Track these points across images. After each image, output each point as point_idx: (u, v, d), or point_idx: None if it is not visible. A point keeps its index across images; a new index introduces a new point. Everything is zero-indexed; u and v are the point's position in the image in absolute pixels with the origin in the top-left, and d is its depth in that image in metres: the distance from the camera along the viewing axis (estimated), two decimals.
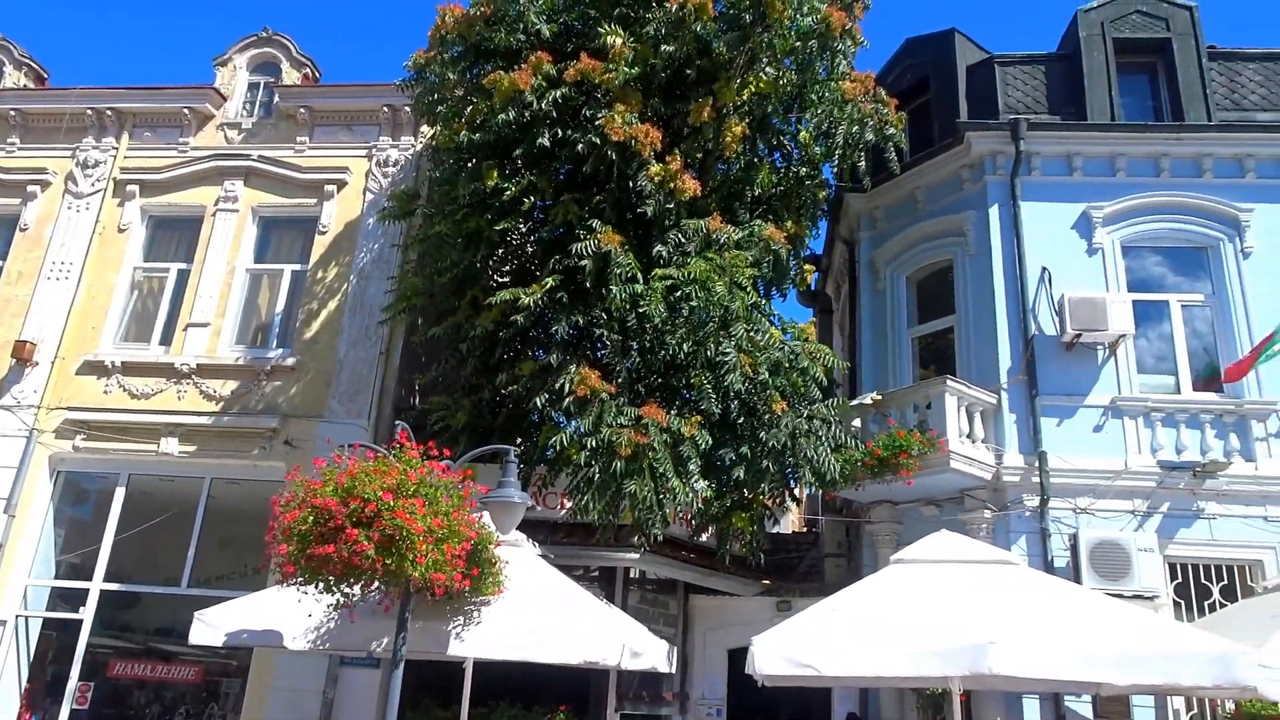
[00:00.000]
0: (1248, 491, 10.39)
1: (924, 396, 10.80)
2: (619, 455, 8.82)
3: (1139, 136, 11.78)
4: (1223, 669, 6.39)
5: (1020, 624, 6.54)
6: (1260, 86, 12.50)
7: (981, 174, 12.05)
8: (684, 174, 9.75)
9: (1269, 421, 10.70)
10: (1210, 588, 10.32)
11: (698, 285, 9.32)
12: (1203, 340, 11.44)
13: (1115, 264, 11.53)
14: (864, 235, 13.35)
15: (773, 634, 6.93)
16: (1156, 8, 12.72)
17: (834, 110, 10.76)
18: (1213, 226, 11.58)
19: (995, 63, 12.83)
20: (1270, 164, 11.70)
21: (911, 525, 10.93)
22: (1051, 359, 11.09)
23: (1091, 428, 10.86)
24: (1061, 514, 10.51)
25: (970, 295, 11.85)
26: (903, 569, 7.56)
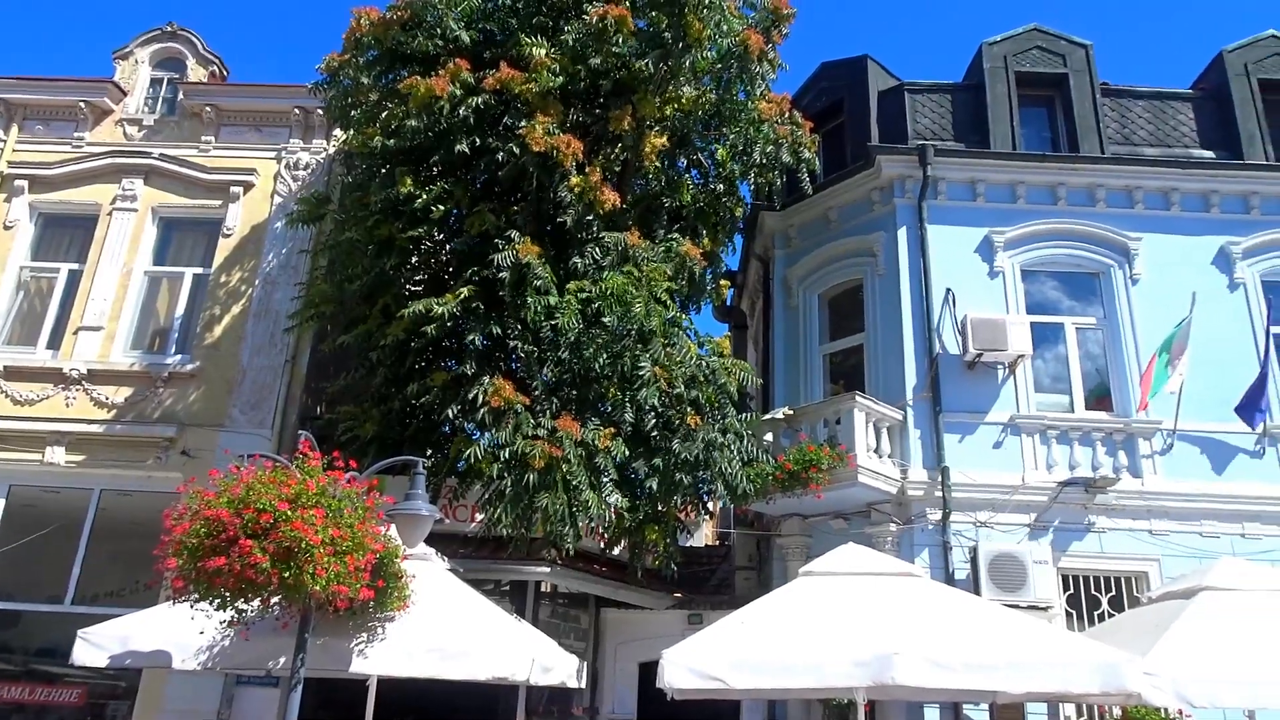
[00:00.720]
0: (1135, 506, 10.90)
1: (834, 412, 11.02)
2: (532, 467, 8.74)
3: (1038, 166, 12.31)
4: (1110, 676, 6.65)
5: (922, 635, 6.69)
6: (1149, 123, 13.22)
7: (891, 197, 12.41)
8: (604, 186, 9.78)
9: (1154, 439, 11.26)
10: (1100, 598, 10.77)
11: (614, 299, 9.33)
12: (1095, 361, 11.98)
13: (1015, 287, 11.99)
14: (779, 253, 13.59)
15: (682, 647, 6.93)
16: (1055, 44, 13.35)
17: (751, 130, 10.96)
18: (1105, 253, 12.16)
19: (905, 90, 13.26)
20: (1157, 196, 12.36)
21: (821, 538, 11.11)
22: (955, 377, 11.46)
23: (991, 444, 11.24)
24: (963, 527, 10.84)
25: (879, 314, 12.16)
26: (810, 581, 7.66)
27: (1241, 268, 12.05)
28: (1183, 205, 12.34)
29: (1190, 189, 12.33)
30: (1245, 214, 12.32)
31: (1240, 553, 10.23)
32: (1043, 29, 13.44)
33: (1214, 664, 7.04)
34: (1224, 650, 7.21)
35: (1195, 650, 7.22)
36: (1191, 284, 11.70)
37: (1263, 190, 12.32)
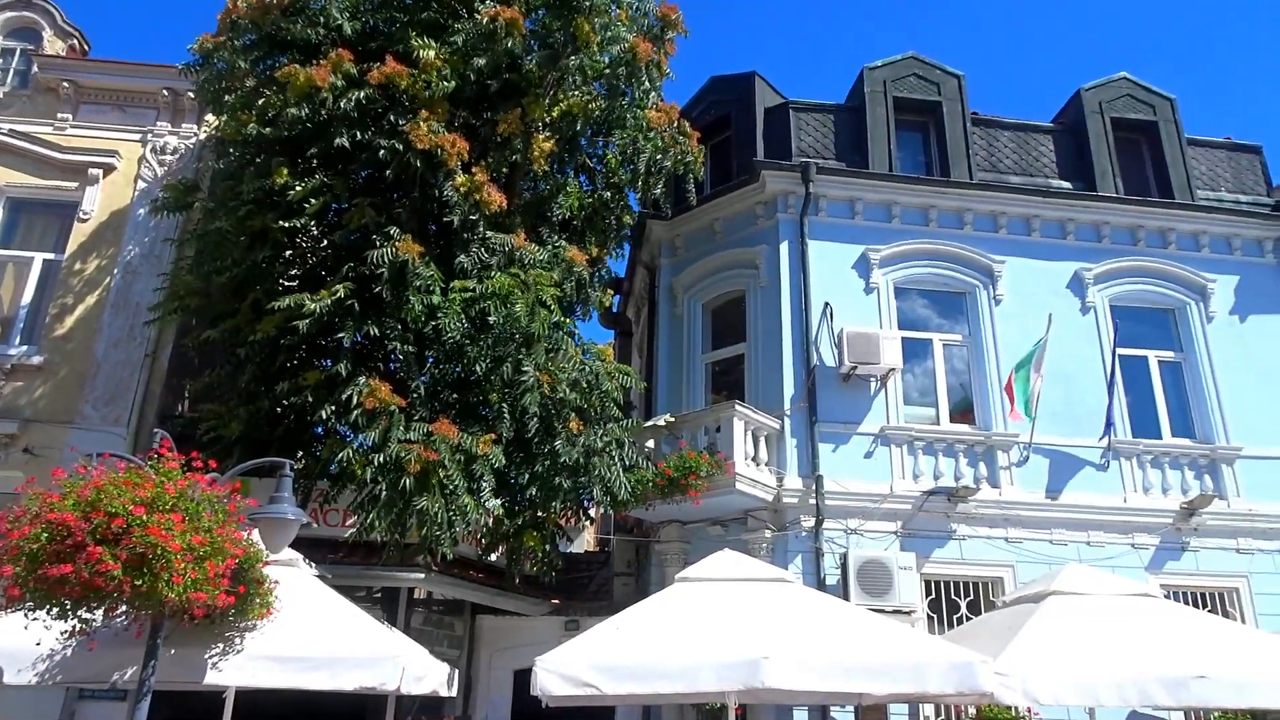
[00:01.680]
0: (992, 515, 11.48)
1: (714, 420, 11.19)
2: (408, 472, 8.53)
3: (912, 187, 12.85)
4: (965, 677, 6.96)
5: (792, 639, 6.85)
6: (1014, 152, 14.00)
7: (774, 211, 12.72)
8: (490, 186, 9.64)
9: (1011, 452, 11.89)
10: (959, 602, 11.29)
11: (499, 300, 9.21)
12: (960, 377, 12.57)
13: (889, 303, 12.47)
14: (664, 262, 13.73)
15: (556, 654, 6.88)
16: (930, 73, 13.98)
17: (639, 138, 11.02)
18: (971, 274, 12.79)
19: (791, 108, 13.63)
20: (1020, 221, 13.09)
21: (698, 544, 11.24)
22: (830, 389, 11.82)
23: (863, 454, 11.64)
24: (834, 534, 11.17)
25: (760, 325, 12.43)
26: (686, 587, 7.74)
27: (1093, 292, 12.88)
28: (1042, 231, 13.10)
29: (1049, 216, 13.12)
30: (1098, 242, 13.19)
31: (1085, 559, 10.94)
32: (920, 57, 14.06)
33: (1059, 665, 7.47)
34: (1068, 651, 7.66)
35: (1042, 652, 7.65)
36: (1048, 306, 12.46)
37: (1113, 221, 13.21)
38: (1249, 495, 11.99)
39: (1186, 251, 13.30)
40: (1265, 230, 13.48)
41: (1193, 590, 11.51)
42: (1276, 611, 11.34)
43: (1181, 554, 11.65)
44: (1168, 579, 11.43)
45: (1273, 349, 12.94)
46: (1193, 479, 12.07)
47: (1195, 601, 11.25)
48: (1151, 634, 7.94)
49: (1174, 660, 7.48)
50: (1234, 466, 12.15)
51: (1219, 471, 12.14)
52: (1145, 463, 12.10)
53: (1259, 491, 12.01)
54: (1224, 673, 7.34)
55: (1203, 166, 14.25)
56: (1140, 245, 13.23)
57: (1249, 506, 11.89)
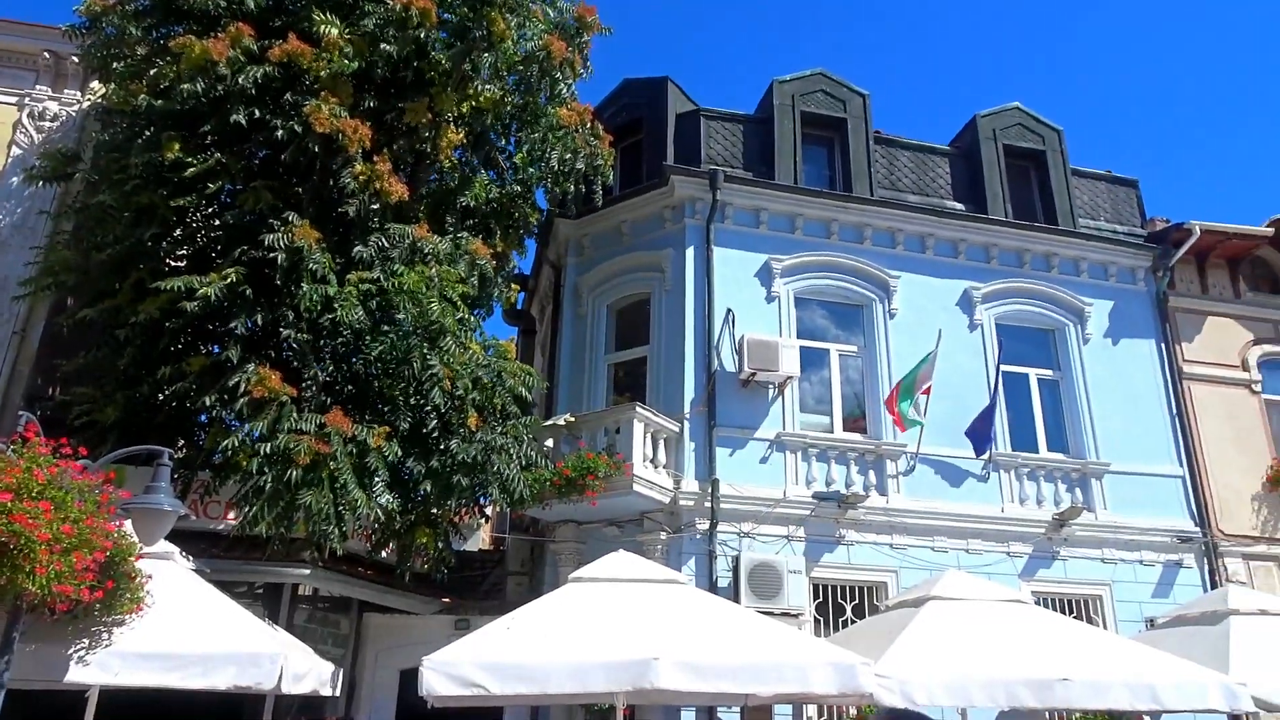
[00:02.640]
0: (879, 522, 11.85)
1: (615, 421, 11.21)
2: (296, 463, 8.26)
3: (815, 201, 13.17)
4: (847, 678, 7.16)
5: (681, 641, 6.91)
6: (912, 172, 14.50)
7: (682, 216, 12.84)
8: (392, 176, 9.43)
9: (900, 461, 12.30)
10: (845, 606, 11.61)
11: (407, 297, 9.03)
12: (854, 386, 12.94)
13: (789, 312, 12.74)
14: (571, 261, 13.69)
15: (444, 653, 6.77)
16: (837, 90, 14.35)
17: (550, 136, 10.97)
18: (868, 288, 13.18)
19: (702, 115, 13.78)
20: (916, 239, 13.56)
21: (594, 545, 11.24)
22: (730, 394, 11.99)
23: (758, 459, 11.85)
24: (728, 537, 11.34)
25: (664, 328, 12.53)
26: (579, 588, 7.72)
27: (981, 310, 13.45)
28: (936, 250, 13.61)
29: (943, 236, 13.63)
30: (987, 263, 13.78)
31: (965, 566, 11.38)
32: (828, 74, 14.41)
33: (935, 667, 7.75)
34: (944, 654, 7.96)
35: (920, 654, 7.92)
36: (939, 321, 12.94)
37: (1002, 243, 13.83)
38: (1114, 508, 12.72)
39: (1067, 276, 14.02)
40: (1138, 260, 14.33)
41: (1061, 597, 12.14)
42: (1135, 618, 12.07)
43: (1052, 562, 12.26)
44: (1039, 586, 12.02)
45: (1141, 371, 13.76)
46: (1064, 492, 12.73)
47: (1063, 608, 11.85)
48: (1021, 639, 8.32)
49: (1040, 664, 7.86)
50: (1102, 481, 12.87)
51: (1088, 485, 12.83)
52: (1022, 475, 12.69)
53: (1123, 505, 12.76)
54: (1085, 675, 7.76)
55: (1085, 196, 15.05)
56: (1026, 268, 13.89)
57: (1114, 519, 12.61)
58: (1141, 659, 8.44)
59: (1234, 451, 13.64)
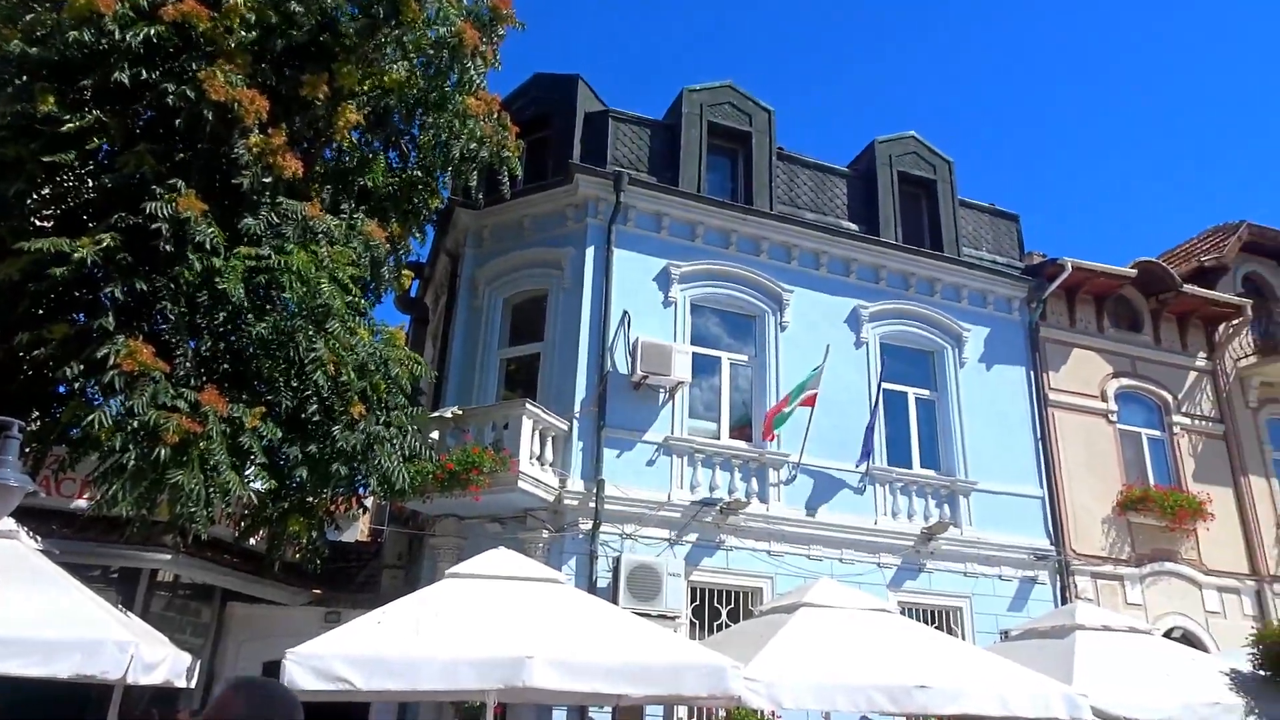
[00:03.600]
0: (758, 528, 12.12)
1: (504, 416, 11.12)
2: (164, 441, 7.84)
3: (717, 210, 13.37)
4: (717, 681, 7.29)
5: (556, 640, 6.89)
6: (811, 190, 14.89)
7: (584, 215, 12.83)
8: (287, 151, 9.08)
9: (782, 470, 12.60)
10: (721, 610, 11.81)
11: (295, 275, 8.69)
12: (743, 395, 13.19)
13: (684, 318, 12.89)
14: (469, 251, 13.50)
15: (310, 646, 6.56)
16: (744, 104, 14.61)
17: (456, 123, 10.77)
18: (762, 299, 13.47)
19: (610, 116, 13.81)
20: (810, 255, 13.93)
21: (475, 541, 11.10)
22: (621, 395, 12.05)
23: (645, 461, 11.95)
24: (610, 538, 11.39)
25: (559, 326, 12.49)
26: (455, 583, 7.62)
27: (867, 329, 13.92)
28: (829, 267, 14.01)
29: (837, 254, 14.05)
30: (876, 283, 14.26)
31: (838, 574, 11.75)
32: (736, 88, 14.66)
33: (802, 671, 7.98)
34: (811, 660, 8.20)
35: (788, 659, 8.14)
36: (828, 337, 13.33)
37: (890, 265, 14.34)
38: (978, 525, 13.35)
39: (949, 301, 14.65)
40: (1014, 290, 15.10)
41: (925, 607, 12.67)
42: (991, 629, 12.70)
43: (918, 574, 12.79)
44: (905, 596, 12.52)
45: (1011, 396, 14.50)
46: (934, 507, 13.30)
47: (927, 618, 12.37)
48: (884, 646, 8.65)
49: (901, 670, 8.18)
50: (969, 498, 13.49)
51: (956, 502, 13.44)
52: (896, 489, 13.19)
53: (986, 522, 13.41)
54: (941, 683, 8.12)
55: (969, 226, 15.76)
56: (911, 291, 14.45)
57: (977, 535, 13.25)
58: (994, 669, 8.89)
59: (1089, 476, 14.52)
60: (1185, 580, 14.48)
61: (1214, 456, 15.71)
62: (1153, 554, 14.40)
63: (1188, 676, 10.21)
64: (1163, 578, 14.34)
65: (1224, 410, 16.14)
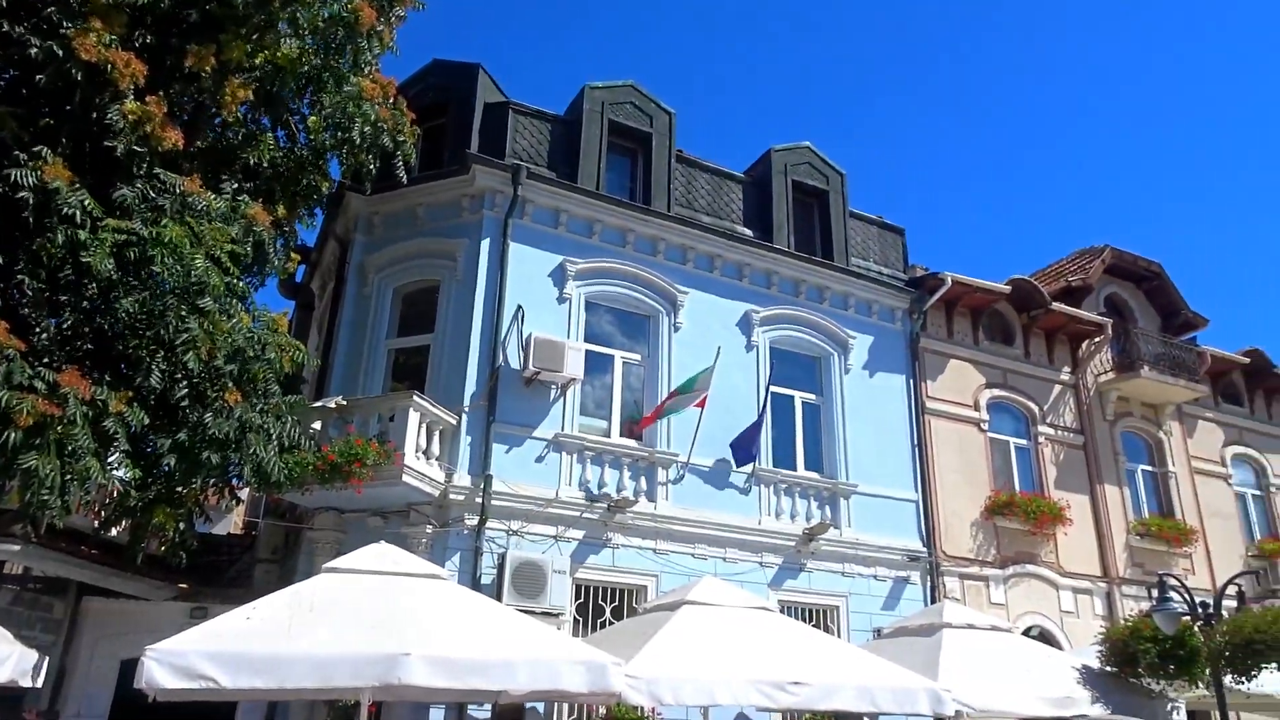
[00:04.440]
0: (646, 527, 12.19)
1: (389, 408, 10.85)
2: (16, 424, 7.32)
3: (615, 209, 13.39)
4: (598, 678, 7.31)
5: (435, 637, 6.77)
6: (709, 194, 15.09)
7: (481, 207, 12.65)
8: (166, 121, 8.62)
9: (670, 469, 12.72)
10: (605, 607, 11.83)
11: (168, 250, 8.24)
12: (634, 394, 13.25)
13: (578, 315, 12.86)
14: (360, 238, 13.13)
15: (171, 642, 6.26)
16: (646, 105, 14.69)
17: (350, 105, 10.44)
18: (657, 300, 13.56)
19: (510, 108, 13.65)
20: (706, 258, 14.10)
21: (355, 535, 10.79)
22: (512, 391, 11.93)
23: (534, 458, 11.87)
24: (496, 535, 11.26)
25: (450, 318, 12.28)
26: (332, 578, 7.39)
27: (758, 333, 14.19)
28: (723, 271, 14.23)
29: (731, 258, 14.27)
30: (767, 289, 14.55)
31: (721, 573, 11.93)
32: (638, 88, 14.72)
33: (682, 668, 8.08)
34: (692, 657, 8.31)
35: (669, 656, 8.23)
36: (720, 339, 13.53)
37: (782, 272, 14.66)
38: (857, 527, 13.79)
39: (837, 309, 15.09)
40: (898, 301, 15.67)
41: (804, 606, 13.00)
42: (865, 628, 13.14)
43: (799, 574, 13.11)
44: (785, 595, 12.82)
45: (891, 403, 15.03)
46: (815, 508, 13.66)
47: (806, 616, 12.70)
48: (763, 644, 8.85)
49: (778, 668, 8.39)
50: (849, 501, 13.92)
51: (837, 504, 13.85)
52: (780, 491, 13.49)
53: (865, 524, 13.86)
54: (816, 680, 8.36)
55: (858, 237, 16.26)
56: (801, 297, 14.81)
57: (855, 536, 13.68)
58: (866, 666, 9.21)
59: (961, 481, 15.19)
60: (1044, 581, 15.32)
61: (1073, 465, 16.69)
62: (1015, 556, 15.17)
63: (1043, 672, 10.83)
64: (1024, 579, 15.14)
65: (1084, 422, 17.16)
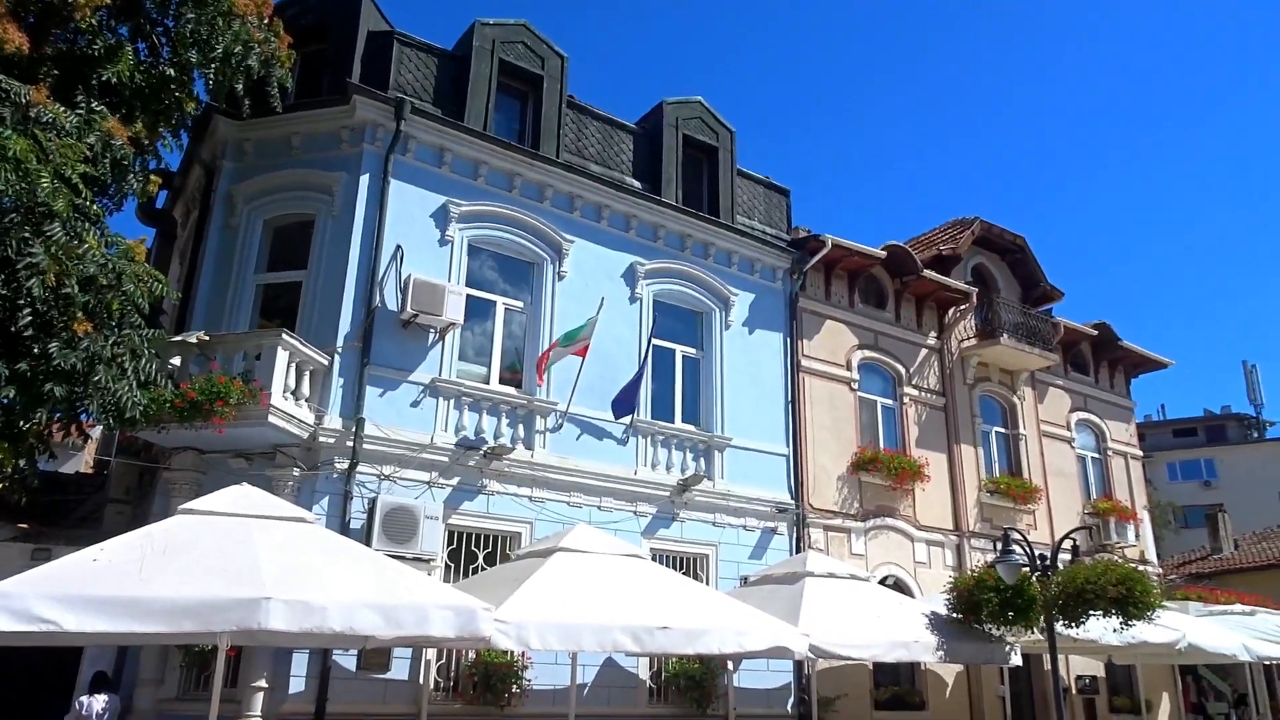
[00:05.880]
0: (521, 474, 12.17)
1: (256, 346, 10.40)
2: None
3: (503, 152, 13.08)
4: (467, 622, 7.31)
5: (297, 581, 6.60)
6: (599, 143, 14.91)
7: (361, 140, 12.14)
8: (9, 20, 7.88)
9: (549, 418, 12.69)
10: (477, 553, 11.80)
11: (10, 165, 7.56)
12: (515, 341, 13.12)
13: (461, 259, 12.57)
14: (228, 164, 12.40)
15: (7, 584, 5.89)
16: (538, 46, 14.33)
17: (220, 22, 9.78)
18: (542, 247, 13.39)
19: (396, 38, 13.06)
20: (593, 208, 13.99)
21: (216, 476, 10.34)
22: (388, 333, 11.61)
23: (410, 402, 11.63)
24: (367, 479, 11.02)
25: (325, 255, 11.81)
26: (189, 519, 7.08)
27: (642, 285, 14.23)
28: (610, 221, 14.16)
29: (619, 209, 14.21)
30: (654, 242, 14.58)
31: (596, 522, 12.07)
32: (531, 28, 14.33)
33: (551, 613, 8.16)
34: (561, 602, 8.39)
35: (539, 601, 8.29)
36: (604, 290, 13.51)
37: (669, 226, 14.70)
38: (729, 479, 14.16)
39: (720, 266, 15.27)
40: (780, 261, 15.98)
41: (676, 554, 13.31)
42: (733, 575, 13.58)
43: (672, 523, 13.39)
44: (658, 544, 13.09)
45: (769, 360, 15.41)
46: (690, 460, 13.94)
47: (677, 564, 13.00)
48: (633, 590, 9.03)
49: (645, 613, 8.58)
50: (723, 454, 14.25)
51: (711, 456, 14.16)
52: (657, 442, 13.69)
53: (737, 476, 14.25)
54: (682, 624, 8.60)
55: (744, 196, 16.44)
56: (686, 252, 14.91)
57: (728, 488, 14.05)
58: (731, 611, 9.53)
59: (829, 438, 15.77)
60: (901, 534, 16.16)
61: (934, 425, 17.57)
62: (877, 510, 15.92)
63: (894, 618, 11.48)
64: (883, 531, 15.92)
65: (946, 385, 18.04)
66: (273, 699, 9.85)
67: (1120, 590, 11.20)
